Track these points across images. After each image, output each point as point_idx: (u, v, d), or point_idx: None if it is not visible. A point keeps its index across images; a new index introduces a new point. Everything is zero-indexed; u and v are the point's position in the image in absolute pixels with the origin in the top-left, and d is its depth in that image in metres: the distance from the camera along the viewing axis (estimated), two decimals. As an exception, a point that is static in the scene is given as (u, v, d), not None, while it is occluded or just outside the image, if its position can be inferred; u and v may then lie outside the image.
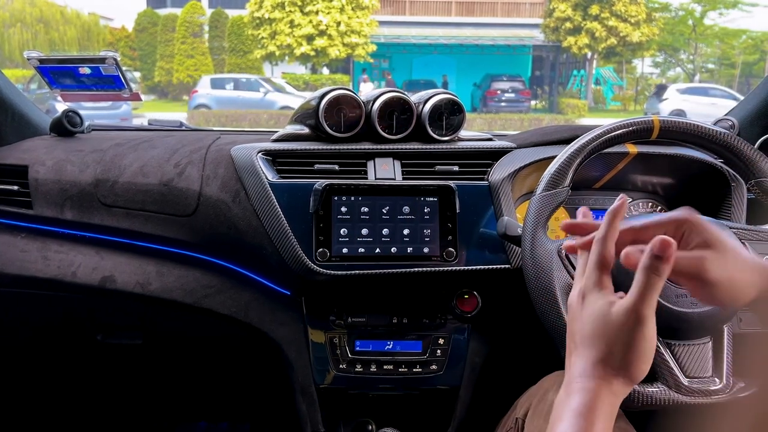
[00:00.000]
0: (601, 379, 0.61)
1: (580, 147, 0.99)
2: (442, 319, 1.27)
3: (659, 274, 0.59)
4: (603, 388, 0.61)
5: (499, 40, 23.39)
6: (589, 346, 0.63)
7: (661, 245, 0.59)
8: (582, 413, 0.59)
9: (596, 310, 0.63)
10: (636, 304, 0.60)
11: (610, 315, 0.62)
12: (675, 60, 25.79)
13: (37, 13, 20.43)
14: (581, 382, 0.62)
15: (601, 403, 0.60)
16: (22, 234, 1.36)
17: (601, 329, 0.62)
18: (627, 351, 0.61)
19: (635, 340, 0.60)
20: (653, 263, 0.59)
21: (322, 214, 1.16)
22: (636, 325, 0.60)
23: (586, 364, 0.63)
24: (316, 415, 1.28)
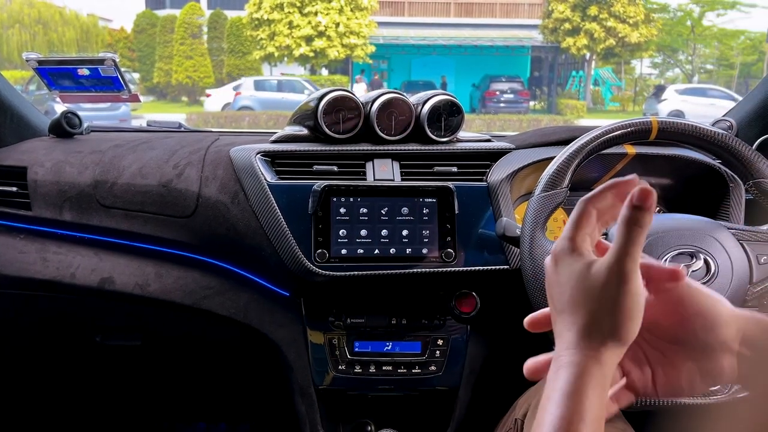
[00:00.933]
0: (589, 350, 0.57)
1: (578, 148, 0.99)
2: (441, 320, 1.27)
3: (641, 224, 0.55)
4: (591, 360, 0.56)
5: (497, 41, 23.40)
6: (570, 313, 0.59)
7: (641, 194, 0.55)
8: (570, 392, 0.55)
9: (574, 272, 0.59)
10: (619, 259, 0.56)
11: (589, 276, 0.57)
12: (673, 61, 25.82)
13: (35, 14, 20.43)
14: (567, 355, 0.58)
15: (590, 378, 0.56)
16: (21, 235, 1.35)
17: (582, 292, 0.58)
18: (613, 312, 0.56)
19: (621, 298, 0.56)
20: (633, 214, 0.55)
21: (321, 215, 1.16)
22: (620, 282, 0.55)
23: (571, 333, 0.58)
24: (315, 416, 1.28)
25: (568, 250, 0.60)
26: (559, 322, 0.61)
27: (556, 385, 0.57)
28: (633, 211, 0.55)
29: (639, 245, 0.56)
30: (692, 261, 0.91)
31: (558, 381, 0.57)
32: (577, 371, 0.56)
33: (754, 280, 0.92)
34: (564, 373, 0.57)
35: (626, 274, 0.56)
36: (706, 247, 0.92)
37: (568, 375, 0.56)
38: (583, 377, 0.56)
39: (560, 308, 0.60)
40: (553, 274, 0.61)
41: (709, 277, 0.91)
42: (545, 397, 0.58)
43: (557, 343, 0.60)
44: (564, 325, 0.60)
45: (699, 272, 0.91)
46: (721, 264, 0.91)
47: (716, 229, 0.93)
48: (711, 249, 0.92)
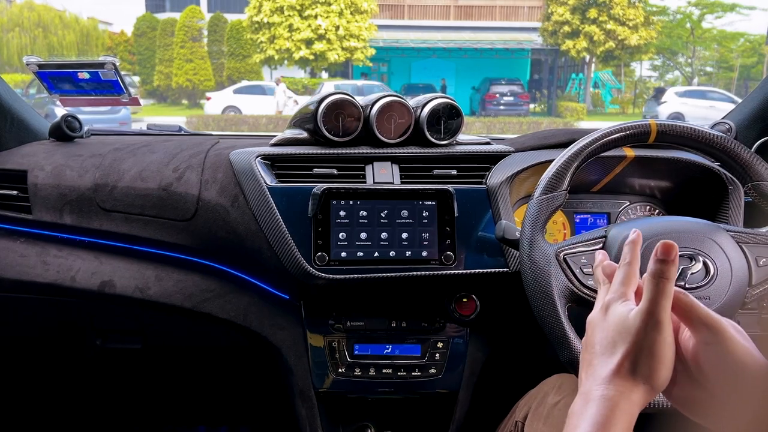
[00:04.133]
0: (623, 387, 0.61)
1: (577, 151, 0.99)
2: (441, 322, 1.27)
3: (667, 277, 0.60)
4: (623, 397, 0.60)
5: (497, 44, 23.44)
6: (610, 354, 0.63)
7: (664, 248, 0.61)
8: (600, 423, 0.59)
9: (617, 316, 0.64)
10: (649, 308, 0.61)
11: (628, 320, 0.62)
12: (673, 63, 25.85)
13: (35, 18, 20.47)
14: (601, 390, 0.61)
15: (620, 413, 0.59)
16: (22, 239, 1.36)
17: (622, 334, 0.62)
18: (648, 356, 0.61)
19: (655, 344, 0.60)
20: (659, 267, 0.61)
21: (321, 218, 1.16)
22: (653, 329, 0.60)
23: (607, 371, 0.62)
24: (315, 420, 1.28)
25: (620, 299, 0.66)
26: (595, 363, 0.65)
27: (585, 416, 0.60)
28: (659, 265, 0.61)
29: (668, 296, 0.61)
30: (691, 263, 0.91)
31: (588, 412, 0.60)
32: (609, 405, 0.60)
33: (753, 282, 0.92)
34: (595, 406, 0.60)
35: (659, 322, 0.61)
36: (706, 249, 0.92)
37: (600, 407, 0.60)
38: (614, 411, 0.59)
39: (600, 350, 0.65)
40: (600, 319, 0.67)
41: (708, 280, 0.91)
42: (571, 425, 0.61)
43: (587, 380, 0.64)
44: (600, 363, 0.64)
45: (698, 275, 0.91)
46: (720, 266, 0.91)
47: (715, 231, 0.93)
48: (710, 251, 0.92)
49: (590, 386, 0.63)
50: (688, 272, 0.91)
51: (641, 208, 1.36)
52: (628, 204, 1.36)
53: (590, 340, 0.67)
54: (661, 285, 0.60)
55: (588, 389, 0.63)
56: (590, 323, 0.69)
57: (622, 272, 0.68)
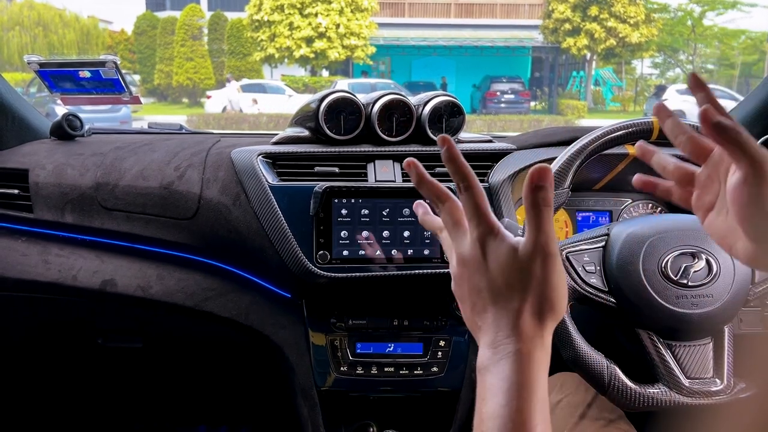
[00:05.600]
0: (532, 333, 0.56)
1: (579, 148, 0.99)
2: (443, 321, 1.27)
3: (548, 203, 0.56)
4: (535, 344, 0.56)
5: (498, 42, 23.42)
6: (507, 298, 0.57)
7: (539, 173, 0.55)
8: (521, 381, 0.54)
9: (502, 256, 0.58)
10: (538, 241, 0.56)
11: (519, 259, 0.57)
12: (674, 61, 25.81)
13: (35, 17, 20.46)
14: (509, 343, 0.56)
15: (538, 364, 0.55)
16: (23, 238, 1.36)
17: (514, 275, 0.57)
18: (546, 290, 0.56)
19: (551, 276, 0.56)
20: (537, 195, 0.56)
21: (323, 217, 1.16)
22: (547, 262, 0.56)
23: (511, 318, 0.57)
24: (317, 418, 1.28)
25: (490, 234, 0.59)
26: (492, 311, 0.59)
27: (500, 376, 0.55)
28: (536, 192, 0.55)
29: (550, 223, 0.56)
30: (694, 261, 0.91)
31: (502, 371, 0.55)
32: (525, 359, 0.55)
33: (756, 279, 0.92)
34: (508, 362, 0.55)
35: (551, 253, 0.57)
36: (708, 247, 0.92)
37: (514, 363, 0.55)
38: (531, 363, 0.55)
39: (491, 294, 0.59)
40: (481, 263, 0.60)
41: (711, 277, 0.91)
42: (485, 389, 0.56)
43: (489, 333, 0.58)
44: (498, 312, 0.58)
45: (701, 272, 0.91)
46: (723, 264, 0.91)
47: None
48: (713, 249, 0.92)
49: (495, 338, 0.57)
50: (691, 270, 0.91)
51: (643, 206, 1.36)
52: (630, 202, 1.35)
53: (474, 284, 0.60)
54: (543, 213, 0.56)
55: (493, 340, 0.57)
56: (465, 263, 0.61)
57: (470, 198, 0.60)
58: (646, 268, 0.93)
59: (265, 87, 18.33)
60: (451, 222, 0.63)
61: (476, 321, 0.61)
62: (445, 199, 0.64)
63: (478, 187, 0.60)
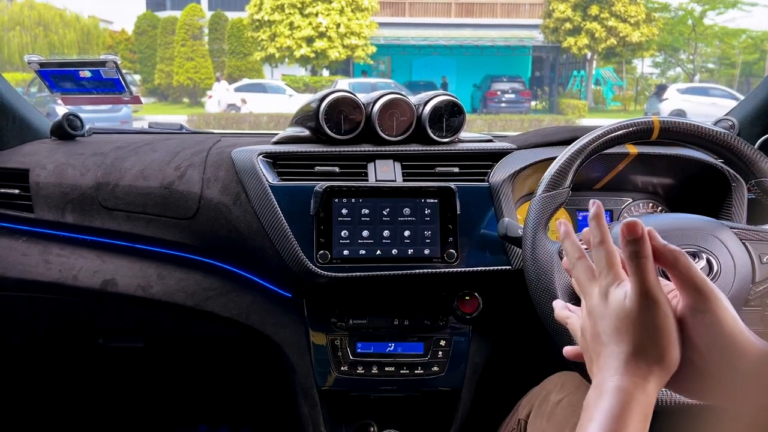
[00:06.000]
0: (636, 376, 0.59)
1: (580, 148, 0.99)
2: (444, 320, 1.27)
3: (644, 254, 0.59)
4: (638, 387, 0.59)
5: (498, 41, 23.40)
6: (617, 342, 0.61)
7: (628, 229, 0.59)
8: (616, 416, 0.57)
9: (616, 303, 0.62)
10: (639, 288, 0.59)
11: (626, 305, 0.61)
12: (675, 60, 25.79)
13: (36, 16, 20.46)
14: (614, 381, 0.59)
15: (636, 404, 0.58)
16: (23, 238, 1.36)
17: (624, 320, 0.61)
18: (654, 336, 0.59)
19: (657, 322, 0.59)
20: (632, 249, 0.59)
21: (323, 216, 1.16)
22: (651, 308, 0.59)
23: (619, 360, 0.60)
24: (317, 418, 1.28)
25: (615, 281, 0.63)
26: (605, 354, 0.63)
27: (600, 408, 0.58)
28: (631, 246, 0.59)
29: (652, 272, 0.59)
30: (695, 260, 0.91)
31: (602, 405, 0.59)
32: (624, 397, 0.58)
33: (756, 279, 0.92)
34: (609, 398, 0.59)
35: (655, 300, 0.59)
36: (709, 246, 0.92)
37: (614, 400, 0.58)
38: (630, 402, 0.58)
39: (606, 339, 0.63)
40: (603, 308, 0.64)
41: (711, 277, 0.90)
42: (586, 419, 0.59)
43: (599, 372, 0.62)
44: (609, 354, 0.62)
45: (702, 272, 0.91)
46: (723, 263, 0.91)
47: (719, 228, 0.92)
48: (713, 248, 0.92)
49: (603, 378, 0.61)
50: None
51: (644, 206, 1.36)
52: (631, 201, 1.35)
53: (595, 331, 0.65)
54: (642, 263, 0.59)
55: (601, 381, 0.61)
56: (591, 313, 0.66)
57: (602, 253, 0.65)
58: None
59: (266, 87, 18.34)
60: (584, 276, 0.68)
61: (592, 367, 0.65)
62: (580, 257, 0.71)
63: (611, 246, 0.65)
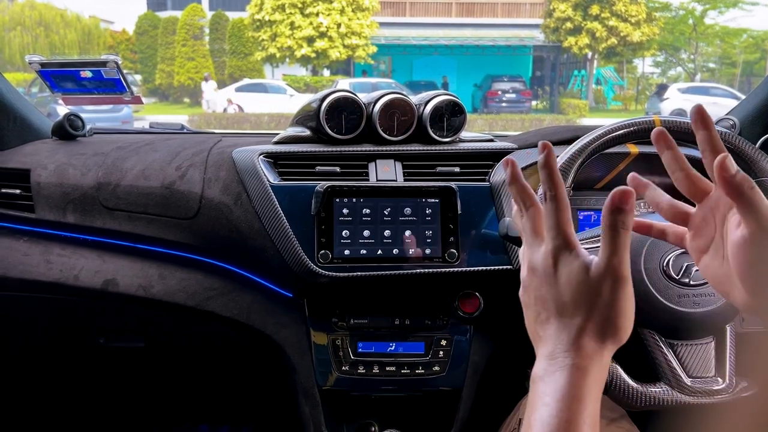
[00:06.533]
0: (592, 351, 0.56)
1: (581, 147, 0.99)
2: (445, 320, 1.27)
3: (626, 227, 0.56)
4: (594, 362, 0.56)
5: (499, 41, 23.40)
6: (572, 314, 0.58)
7: (621, 195, 0.56)
8: (573, 394, 0.54)
9: (573, 272, 0.58)
10: (611, 263, 0.56)
11: (590, 279, 0.57)
12: (676, 59, 25.78)
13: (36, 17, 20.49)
14: (567, 357, 0.56)
15: (592, 380, 0.55)
16: (25, 237, 1.36)
17: (583, 294, 0.57)
18: (613, 313, 0.56)
19: (619, 300, 0.56)
20: (616, 217, 0.56)
21: (324, 216, 1.16)
22: (617, 285, 0.56)
23: (569, 335, 0.57)
24: (318, 417, 1.28)
25: (566, 249, 0.59)
26: (555, 323, 0.59)
27: (554, 387, 0.56)
28: (615, 215, 0.56)
29: (626, 247, 0.56)
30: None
31: (556, 382, 0.56)
32: (580, 373, 0.56)
33: (758, 279, 0.92)
34: (564, 375, 0.56)
35: (622, 276, 0.56)
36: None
37: (569, 376, 0.56)
38: (586, 378, 0.56)
39: (556, 307, 0.59)
40: (552, 275, 0.60)
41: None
42: (537, 397, 0.57)
43: (549, 344, 0.59)
44: (562, 325, 0.59)
45: None
46: (724, 263, 0.90)
47: None
48: None
49: (553, 350, 0.58)
50: (692, 269, 0.91)
51: (645, 205, 1.36)
52: None
53: (539, 294, 0.61)
54: (620, 236, 0.56)
55: (551, 352, 0.58)
56: (534, 271, 0.62)
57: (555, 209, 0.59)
58: (648, 267, 0.93)
59: (267, 87, 18.36)
60: (530, 228, 0.64)
61: (537, 331, 0.62)
62: (530, 205, 0.64)
63: (564, 201, 0.60)
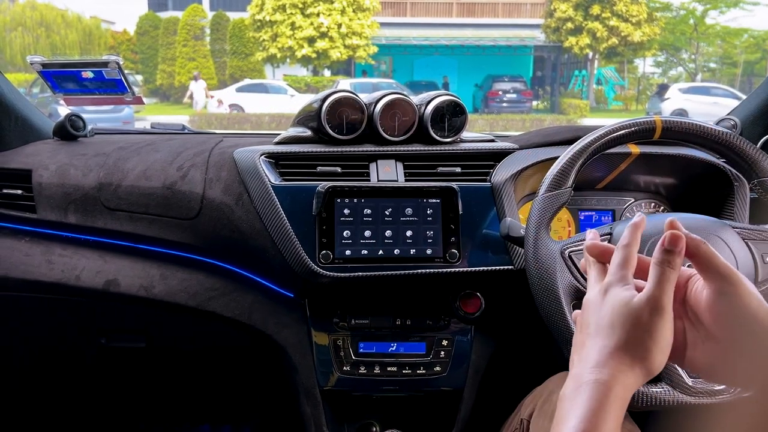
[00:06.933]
0: (617, 370, 0.59)
1: (582, 148, 0.99)
2: (446, 320, 1.27)
3: (672, 266, 0.61)
4: (618, 380, 0.59)
5: (500, 41, 23.37)
6: (606, 335, 0.62)
7: (672, 239, 0.61)
8: (592, 408, 0.57)
9: (618, 299, 0.63)
10: (653, 294, 0.60)
11: (631, 304, 0.61)
12: (677, 59, 25.74)
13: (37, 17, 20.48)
14: (594, 373, 0.60)
15: (614, 398, 0.58)
16: (26, 238, 1.36)
17: (622, 317, 0.61)
18: (646, 338, 0.60)
19: (655, 328, 0.60)
20: (665, 257, 0.61)
21: (325, 217, 1.16)
22: (655, 313, 0.60)
23: (602, 352, 0.61)
24: (320, 417, 1.28)
25: (620, 282, 0.64)
26: (589, 345, 0.63)
27: (577, 401, 0.59)
28: (664, 254, 0.61)
29: (671, 283, 0.61)
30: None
31: (580, 397, 0.59)
32: (603, 389, 0.58)
33: (759, 279, 0.92)
34: (588, 390, 0.59)
35: (662, 308, 0.60)
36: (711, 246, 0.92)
37: (593, 392, 0.59)
38: (608, 395, 0.58)
39: (595, 331, 0.64)
40: (599, 302, 0.65)
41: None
42: (563, 411, 0.60)
43: (579, 363, 0.63)
44: (594, 346, 0.62)
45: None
46: (726, 263, 0.90)
47: (721, 228, 0.92)
48: (716, 248, 0.91)
49: (582, 369, 0.61)
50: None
51: (646, 205, 1.36)
52: (633, 201, 1.35)
53: (585, 321, 0.66)
54: (666, 273, 0.61)
55: (580, 372, 0.61)
56: (587, 304, 0.67)
57: (621, 254, 0.66)
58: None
59: (267, 87, 18.34)
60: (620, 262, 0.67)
61: (574, 356, 0.65)
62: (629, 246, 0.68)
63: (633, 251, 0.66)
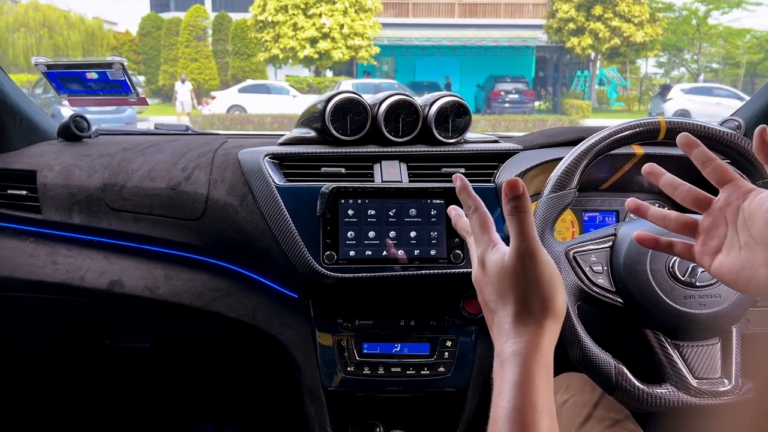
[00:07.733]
0: (528, 333, 0.59)
1: (586, 149, 0.99)
2: (450, 321, 1.27)
3: (523, 210, 0.61)
4: (533, 343, 0.59)
5: (502, 42, 23.38)
6: (503, 305, 0.62)
7: (510, 186, 0.62)
8: (519, 382, 0.57)
9: (493, 265, 0.63)
10: (518, 244, 0.61)
11: (505, 263, 0.62)
12: (679, 60, 25.72)
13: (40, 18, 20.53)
14: (509, 346, 0.60)
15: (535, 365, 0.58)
16: (31, 238, 1.36)
17: (503, 281, 0.62)
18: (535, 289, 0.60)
19: (537, 274, 0.60)
20: (512, 205, 0.62)
21: (329, 217, 1.16)
22: (529, 261, 0.60)
23: (508, 324, 0.61)
24: (324, 418, 1.28)
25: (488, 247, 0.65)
26: (495, 321, 0.63)
27: (504, 379, 0.59)
28: (512, 202, 0.62)
29: (531, 226, 0.61)
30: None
31: (506, 374, 0.59)
32: (522, 360, 0.59)
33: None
34: (509, 365, 0.59)
35: (533, 252, 0.61)
36: None
37: (514, 365, 0.59)
38: (529, 365, 0.58)
39: (493, 306, 0.64)
40: (483, 276, 0.65)
41: (718, 278, 0.90)
42: (496, 393, 0.60)
43: (499, 340, 0.62)
44: (499, 321, 0.63)
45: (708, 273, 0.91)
46: (730, 264, 0.90)
47: None
48: None
49: (501, 346, 0.61)
50: (698, 270, 0.91)
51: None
52: None
53: (483, 300, 0.66)
54: (521, 218, 0.61)
55: (499, 349, 0.61)
56: (476, 283, 0.67)
57: (476, 221, 0.67)
58: (654, 268, 0.93)
59: (270, 88, 18.35)
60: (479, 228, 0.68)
61: (492, 334, 0.65)
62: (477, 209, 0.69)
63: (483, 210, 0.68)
